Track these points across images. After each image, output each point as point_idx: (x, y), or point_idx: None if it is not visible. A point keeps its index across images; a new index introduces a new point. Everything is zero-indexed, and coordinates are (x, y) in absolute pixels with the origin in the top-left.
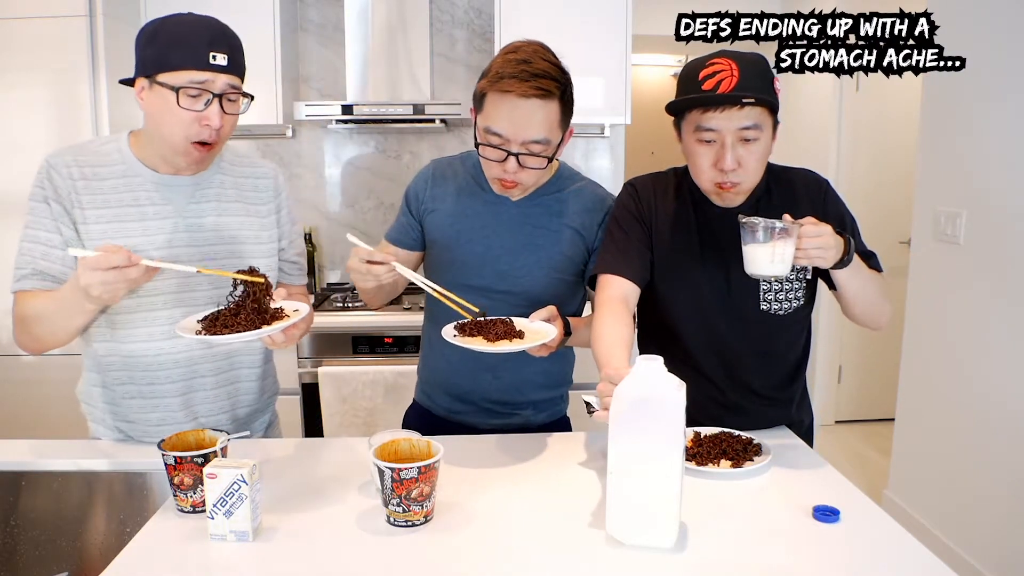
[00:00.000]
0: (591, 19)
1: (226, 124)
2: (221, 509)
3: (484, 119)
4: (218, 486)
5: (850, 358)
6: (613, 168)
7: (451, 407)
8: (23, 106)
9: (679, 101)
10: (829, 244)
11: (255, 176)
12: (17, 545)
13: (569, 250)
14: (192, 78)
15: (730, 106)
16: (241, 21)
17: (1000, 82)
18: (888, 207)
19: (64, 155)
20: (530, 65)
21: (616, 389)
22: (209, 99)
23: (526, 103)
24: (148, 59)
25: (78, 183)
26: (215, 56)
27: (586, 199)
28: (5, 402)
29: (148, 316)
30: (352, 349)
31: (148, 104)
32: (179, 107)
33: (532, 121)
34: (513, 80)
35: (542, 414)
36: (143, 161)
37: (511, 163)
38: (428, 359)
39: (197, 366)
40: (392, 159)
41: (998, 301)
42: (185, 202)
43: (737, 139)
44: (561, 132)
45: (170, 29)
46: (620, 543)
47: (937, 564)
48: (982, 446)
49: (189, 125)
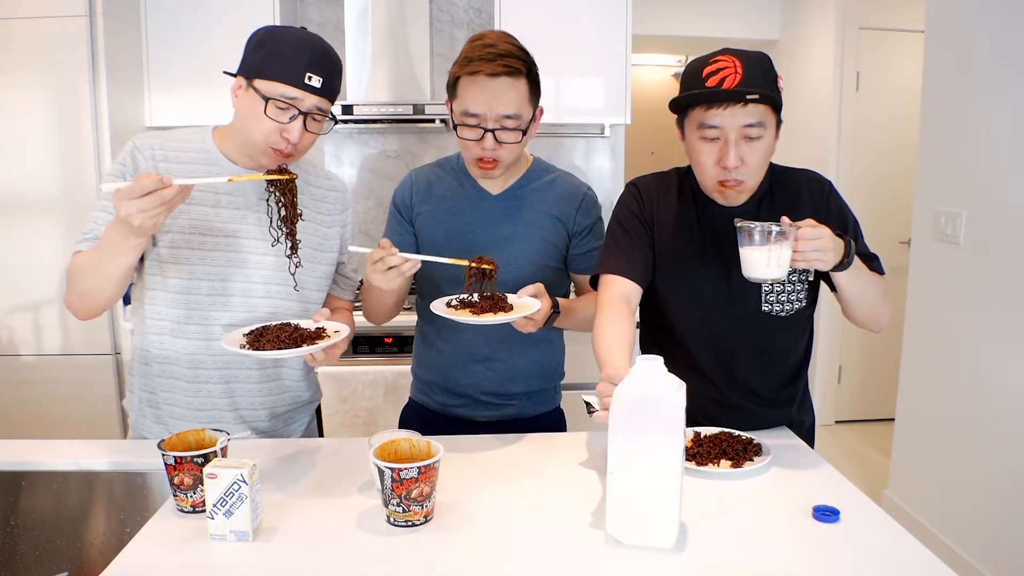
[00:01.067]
0: (591, 19)
1: (305, 140)
2: (221, 509)
3: (459, 103)
4: (218, 486)
5: (850, 358)
6: (613, 168)
7: (446, 401)
8: (23, 106)
9: (682, 98)
10: (827, 247)
11: (326, 188)
12: (17, 545)
13: (551, 237)
14: (284, 92)
15: (733, 103)
16: (241, 21)
17: (1000, 82)
18: (888, 207)
19: (149, 138)
20: (495, 47)
21: (616, 389)
22: (295, 115)
23: (495, 81)
24: (251, 63)
25: (159, 165)
26: (311, 77)
27: (561, 187)
28: (5, 402)
29: (205, 316)
30: (352, 349)
31: (241, 103)
32: (266, 115)
33: (503, 97)
34: (481, 61)
35: (536, 405)
36: (225, 154)
37: (488, 139)
38: (422, 355)
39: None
40: (392, 159)
41: (998, 301)
42: (257, 198)
43: (740, 137)
44: (532, 108)
45: (277, 40)
46: (620, 543)
47: (937, 564)
48: (982, 446)
49: (271, 133)
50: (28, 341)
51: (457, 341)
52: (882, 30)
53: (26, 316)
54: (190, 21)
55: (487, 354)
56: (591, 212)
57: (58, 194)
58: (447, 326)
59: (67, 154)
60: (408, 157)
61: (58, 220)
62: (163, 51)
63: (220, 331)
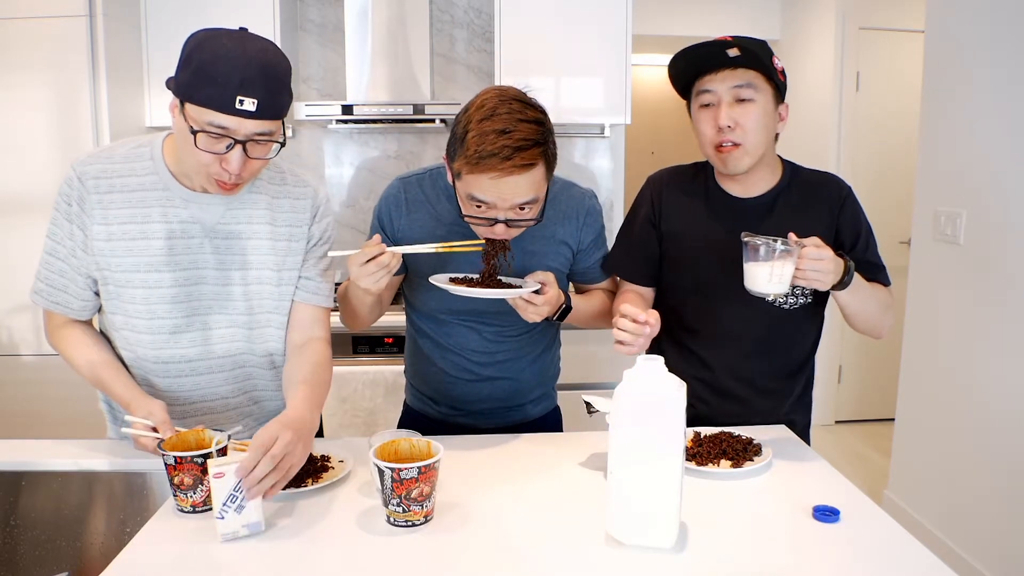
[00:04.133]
0: (591, 19)
1: (250, 167)
2: (232, 506)
3: (465, 187)
4: (226, 484)
5: (850, 358)
6: (613, 168)
7: (448, 412)
8: (23, 106)
9: (673, 63)
10: (828, 268)
11: (292, 197)
12: (17, 545)
13: (556, 262)
14: (213, 120)
15: (725, 68)
16: (241, 21)
17: (1000, 82)
18: (888, 207)
19: (93, 163)
20: (510, 137)
21: (616, 389)
22: (231, 143)
23: (510, 179)
24: (181, 81)
25: (104, 196)
26: (242, 101)
27: (564, 205)
28: (5, 402)
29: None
30: (352, 349)
31: (176, 125)
32: (196, 148)
33: (518, 189)
34: (494, 159)
35: (538, 407)
36: (176, 175)
37: (499, 227)
38: (420, 370)
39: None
40: (392, 159)
41: (998, 301)
42: (214, 221)
43: (733, 99)
44: (547, 182)
45: (207, 54)
46: (620, 543)
47: (937, 564)
48: (982, 446)
49: (209, 164)
50: (28, 341)
51: (457, 360)
52: (882, 30)
53: (26, 316)
54: (190, 21)
55: (491, 374)
56: (595, 225)
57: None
58: (445, 345)
59: (67, 154)
60: (408, 157)
61: None
62: (163, 51)
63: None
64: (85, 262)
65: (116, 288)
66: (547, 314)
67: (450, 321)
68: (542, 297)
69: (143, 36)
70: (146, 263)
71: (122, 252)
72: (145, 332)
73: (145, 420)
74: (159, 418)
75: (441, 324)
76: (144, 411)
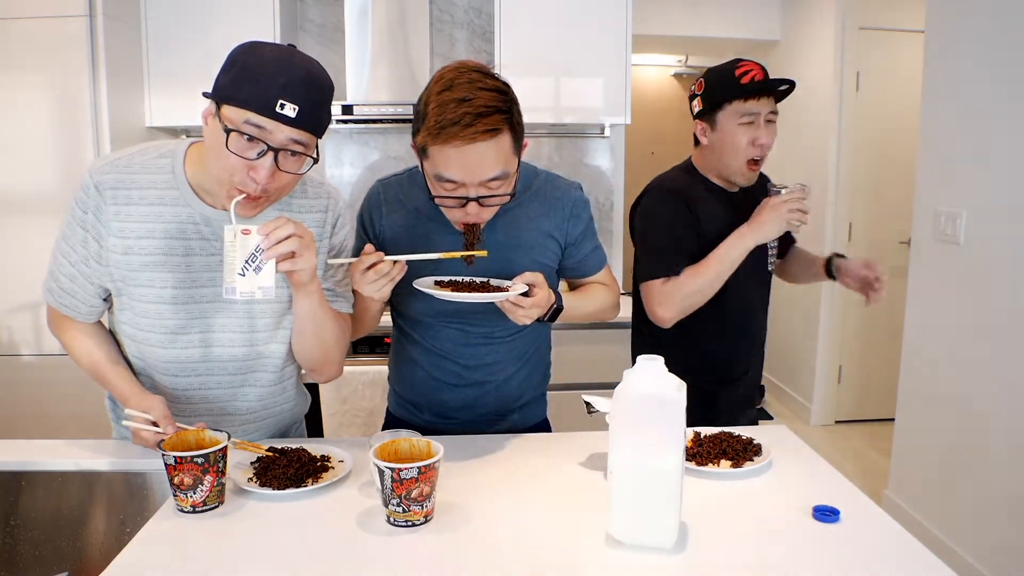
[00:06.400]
0: (591, 19)
1: (279, 180)
2: (252, 265)
3: (432, 166)
4: (250, 242)
5: (850, 358)
6: (613, 168)
7: (431, 420)
8: (23, 106)
9: (735, 90)
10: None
11: (305, 210)
12: (17, 545)
13: (543, 256)
14: (250, 120)
15: (767, 95)
16: (241, 21)
17: (1000, 82)
18: (888, 207)
19: (110, 173)
20: (471, 104)
21: (616, 389)
22: (263, 150)
23: (474, 147)
24: (221, 84)
25: (122, 209)
26: (283, 105)
27: (549, 197)
28: (5, 402)
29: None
30: (352, 349)
31: (208, 132)
32: (227, 149)
33: (485, 161)
34: (455, 127)
35: (525, 417)
36: (197, 187)
37: (471, 207)
38: (405, 374)
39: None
40: (392, 159)
41: (998, 301)
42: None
43: (765, 120)
44: (517, 158)
45: (249, 59)
46: (620, 543)
47: (937, 564)
48: (982, 446)
49: (236, 170)
50: (28, 341)
51: (443, 363)
52: (882, 30)
53: (26, 316)
54: (190, 21)
55: (481, 377)
56: (582, 216)
57: (58, 194)
58: (431, 348)
59: (67, 154)
60: (408, 157)
61: (58, 220)
62: (163, 51)
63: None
64: (98, 272)
65: (129, 301)
66: (537, 316)
67: (436, 324)
68: (530, 300)
69: (143, 36)
70: (157, 263)
71: (137, 266)
72: (150, 331)
73: (145, 414)
74: (159, 413)
75: (427, 327)
76: (143, 406)
